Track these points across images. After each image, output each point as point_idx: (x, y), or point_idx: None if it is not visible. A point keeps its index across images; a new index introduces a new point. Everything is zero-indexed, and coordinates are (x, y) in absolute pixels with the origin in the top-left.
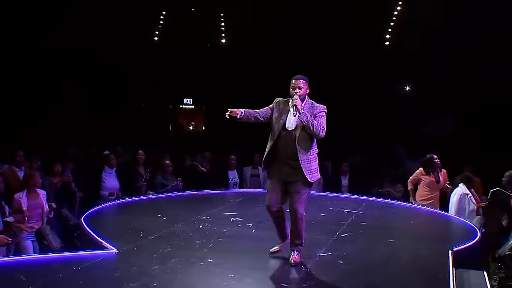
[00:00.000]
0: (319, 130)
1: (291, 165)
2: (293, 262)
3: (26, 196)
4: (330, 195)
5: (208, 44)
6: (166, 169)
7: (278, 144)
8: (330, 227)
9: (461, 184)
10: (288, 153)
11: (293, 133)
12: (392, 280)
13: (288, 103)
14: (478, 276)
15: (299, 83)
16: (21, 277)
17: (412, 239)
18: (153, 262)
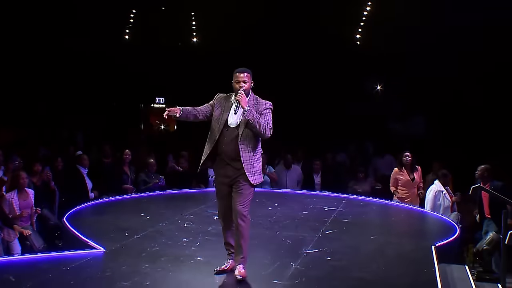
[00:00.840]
0: (266, 129)
1: (234, 165)
2: (239, 277)
3: (17, 196)
4: (308, 193)
5: (179, 43)
6: (150, 168)
7: (220, 144)
8: (313, 224)
9: (436, 181)
10: (230, 153)
11: (236, 131)
12: (382, 275)
13: (230, 98)
14: (460, 270)
15: (244, 77)
16: (10, 278)
17: (394, 235)
18: (143, 261)
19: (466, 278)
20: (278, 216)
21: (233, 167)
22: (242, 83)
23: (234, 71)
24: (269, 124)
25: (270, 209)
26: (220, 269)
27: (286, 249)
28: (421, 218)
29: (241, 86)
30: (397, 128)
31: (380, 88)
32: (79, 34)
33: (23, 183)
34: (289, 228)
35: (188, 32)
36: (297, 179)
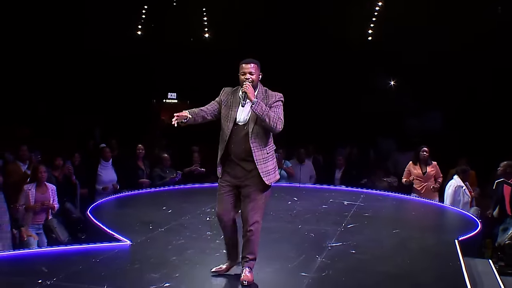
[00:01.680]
0: (276, 122)
1: (244, 166)
2: (245, 282)
3: (35, 189)
4: (326, 188)
5: (191, 38)
6: (165, 162)
7: (229, 144)
8: (334, 218)
9: (455, 176)
10: (241, 152)
11: (245, 128)
12: (407, 268)
13: (237, 93)
14: (484, 264)
15: (251, 68)
16: (42, 269)
17: (416, 229)
18: (170, 254)
19: (491, 272)
20: (298, 210)
21: (243, 168)
22: (249, 74)
23: (240, 63)
24: (279, 117)
25: (289, 203)
26: (215, 270)
27: (310, 242)
28: (441, 213)
29: (247, 78)
30: (414, 123)
31: (393, 84)
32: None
33: (41, 177)
34: (311, 221)
35: (200, 28)
36: (310, 174)
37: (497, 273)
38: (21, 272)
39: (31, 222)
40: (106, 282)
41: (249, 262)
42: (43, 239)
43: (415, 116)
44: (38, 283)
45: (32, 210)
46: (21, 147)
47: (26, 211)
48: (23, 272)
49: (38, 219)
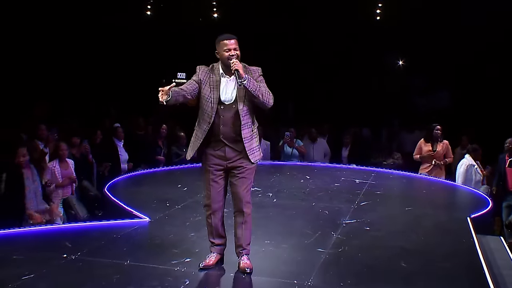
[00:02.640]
0: (269, 97)
1: (234, 147)
2: (248, 270)
3: (58, 165)
4: (337, 166)
5: (200, 18)
6: (181, 141)
7: (215, 125)
8: (347, 196)
9: (467, 155)
10: (231, 132)
11: (234, 107)
12: (422, 244)
13: (215, 71)
14: (496, 241)
15: (234, 43)
16: (67, 244)
17: (428, 207)
18: (188, 230)
19: (503, 249)
20: (311, 188)
21: (233, 149)
22: (233, 50)
23: (219, 39)
24: (269, 91)
25: (302, 181)
26: (204, 265)
27: (324, 220)
28: (452, 191)
29: (232, 54)
30: (422, 102)
31: (402, 63)
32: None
33: (63, 154)
34: (324, 199)
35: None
36: (323, 152)
37: (509, 249)
38: (46, 247)
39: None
40: (128, 256)
41: (246, 249)
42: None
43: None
44: (63, 258)
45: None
46: (39, 126)
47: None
48: (48, 247)
49: (64, 193)
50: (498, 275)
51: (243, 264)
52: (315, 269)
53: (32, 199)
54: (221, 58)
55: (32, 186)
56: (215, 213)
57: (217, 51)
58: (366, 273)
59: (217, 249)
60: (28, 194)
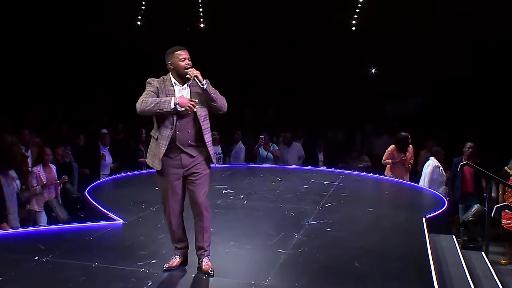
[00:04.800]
0: (224, 101)
1: (190, 152)
2: (211, 271)
3: (43, 170)
4: (308, 169)
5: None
6: None
7: (174, 131)
8: (314, 198)
9: (432, 157)
10: (187, 138)
11: (190, 113)
12: (378, 244)
13: (168, 82)
14: (447, 239)
15: (187, 54)
16: (40, 246)
17: (389, 208)
18: (159, 232)
19: (453, 247)
20: (281, 190)
21: (189, 155)
22: (187, 60)
23: (171, 51)
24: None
25: (273, 184)
26: (168, 266)
27: (289, 221)
28: (413, 192)
29: (188, 63)
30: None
31: (375, 71)
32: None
33: (48, 158)
34: (292, 201)
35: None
36: (297, 155)
37: (459, 247)
38: (19, 249)
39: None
40: (97, 259)
41: (207, 251)
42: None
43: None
44: (34, 260)
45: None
46: (22, 131)
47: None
48: (22, 249)
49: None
50: (446, 272)
51: (205, 266)
52: (273, 269)
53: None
54: (175, 68)
55: (8, 190)
56: (175, 219)
57: (169, 62)
58: (322, 273)
59: (180, 252)
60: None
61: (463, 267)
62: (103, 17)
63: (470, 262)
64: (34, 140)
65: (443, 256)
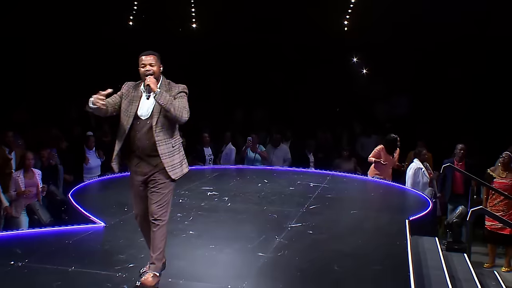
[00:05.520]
0: (181, 111)
1: (150, 161)
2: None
3: (23, 175)
4: (297, 170)
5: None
6: None
7: (132, 139)
8: (299, 200)
9: (415, 159)
10: (146, 148)
11: (148, 122)
12: (358, 247)
13: (139, 87)
14: (430, 242)
15: (150, 59)
16: (17, 250)
17: (373, 210)
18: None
19: (435, 249)
20: (266, 192)
21: (149, 164)
22: (149, 66)
23: (139, 56)
24: (184, 106)
25: (259, 185)
26: (145, 271)
27: (272, 224)
28: (399, 194)
29: (147, 70)
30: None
31: (365, 72)
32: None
33: (29, 163)
34: (276, 203)
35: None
36: (283, 157)
37: (441, 249)
38: None
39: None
40: (74, 263)
41: (155, 264)
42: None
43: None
44: (9, 265)
45: (22, 195)
46: (6, 133)
47: (17, 196)
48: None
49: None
50: (425, 275)
51: (142, 280)
52: (251, 273)
53: None
54: (140, 74)
55: None
56: (144, 224)
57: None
58: (299, 277)
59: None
60: None
61: (443, 270)
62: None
63: (452, 265)
64: (18, 142)
65: (424, 258)
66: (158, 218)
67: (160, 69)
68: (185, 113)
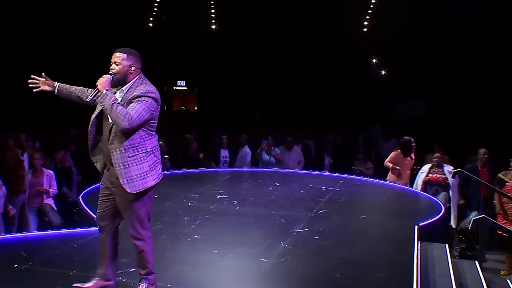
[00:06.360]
0: (121, 117)
1: (111, 170)
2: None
3: (31, 174)
4: (311, 173)
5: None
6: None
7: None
8: (308, 204)
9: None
10: (106, 154)
11: (108, 124)
12: (364, 254)
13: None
14: (440, 248)
15: (116, 57)
16: (22, 253)
17: (383, 215)
18: None
19: (444, 257)
20: (276, 196)
21: (111, 173)
22: (114, 64)
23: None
24: (128, 112)
25: (270, 189)
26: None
27: (278, 228)
28: (411, 198)
29: (111, 68)
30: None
31: (384, 73)
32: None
33: (36, 163)
34: (285, 207)
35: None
36: (297, 159)
37: (451, 256)
38: (1, 256)
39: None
40: (76, 267)
41: (146, 277)
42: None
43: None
44: (13, 268)
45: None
46: (19, 135)
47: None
48: (3, 256)
49: (34, 202)
50: (431, 283)
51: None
52: (251, 280)
53: None
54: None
55: None
56: (101, 233)
57: None
58: (299, 285)
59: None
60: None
61: (451, 278)
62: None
63: (461, 272)
64: (30, 144)
65: (432, 265)
66: (138, 237)
67: (131, 68)
68: (124, 120)
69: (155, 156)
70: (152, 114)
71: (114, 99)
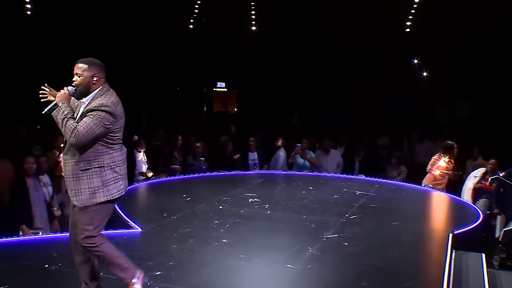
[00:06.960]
0: (70, 132)
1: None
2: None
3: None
4: (344, 177)
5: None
6: (197, 151)
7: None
8: (340, 209)
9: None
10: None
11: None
12: (393, 261)
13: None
14: (476, 258)
15: (78, 68)
16: (53, 254)
17: (417, 221)
18: (172, 242)
19: (480, 266)
20: (309, 200)
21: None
22: (76, 76)
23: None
24: (76, 128)
25: (303, 193)
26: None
27: (308, 233)
28: (449, 205)
29: (73, 79)
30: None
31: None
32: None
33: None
34: (316, 212)
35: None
36: (336, 162)
37: (486, 266)
38: (32, 256)
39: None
40: (103, 268)
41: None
42: None
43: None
44: (44, 268)
45: None
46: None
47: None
48: (35, 256)
49: None
50: None
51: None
52: (275, 286)
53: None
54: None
55: (35, 194)
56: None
57: None
58: None
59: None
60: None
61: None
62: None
63: (498, 283)
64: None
65: (465, 276)
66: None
67: (93, 79)
68: (72, 136)
69: (114, 172)
70: (108, 128)
71: (66, 113)
